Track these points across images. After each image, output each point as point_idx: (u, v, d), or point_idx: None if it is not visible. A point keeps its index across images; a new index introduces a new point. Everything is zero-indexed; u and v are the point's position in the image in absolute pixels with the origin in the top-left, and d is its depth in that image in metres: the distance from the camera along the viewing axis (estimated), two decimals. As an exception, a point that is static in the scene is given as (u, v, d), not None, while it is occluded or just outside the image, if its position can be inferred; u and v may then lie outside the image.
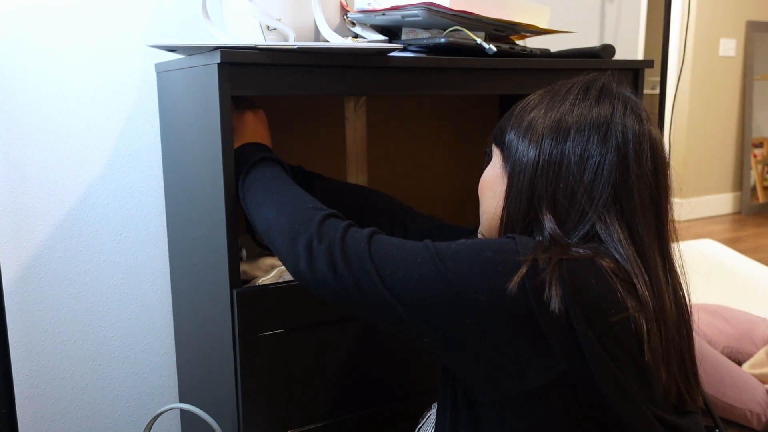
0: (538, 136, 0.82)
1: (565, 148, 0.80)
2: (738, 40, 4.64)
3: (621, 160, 0.79)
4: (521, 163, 0.82)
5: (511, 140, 0.84)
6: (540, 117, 0.83)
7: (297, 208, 0.86)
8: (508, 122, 0.87)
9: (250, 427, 1.02)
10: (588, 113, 0.81)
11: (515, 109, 0.88)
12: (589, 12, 1.93)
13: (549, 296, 0.69)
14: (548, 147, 0.81)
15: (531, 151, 0.81)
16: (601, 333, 0.69)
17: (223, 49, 0.92)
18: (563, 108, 0.83)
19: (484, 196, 0.90)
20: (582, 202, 0.78)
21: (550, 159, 0.80)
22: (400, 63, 1.06)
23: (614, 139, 0.80)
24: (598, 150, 0.79)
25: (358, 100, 1.51)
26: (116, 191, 1.38)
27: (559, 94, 0.85)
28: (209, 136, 1.00)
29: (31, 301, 1.35)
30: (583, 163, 0.79)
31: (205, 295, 1.13)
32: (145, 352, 1.46)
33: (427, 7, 1.05)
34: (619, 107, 0.82)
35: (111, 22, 1.33)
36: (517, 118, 0.85)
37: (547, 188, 0.80)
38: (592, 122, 0.80)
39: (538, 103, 0.85)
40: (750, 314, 2.23)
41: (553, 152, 0.80)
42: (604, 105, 0.82)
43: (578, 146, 0.80)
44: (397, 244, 0.78)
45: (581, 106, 0.82)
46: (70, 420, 1.42)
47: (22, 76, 1.28)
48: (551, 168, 0.80)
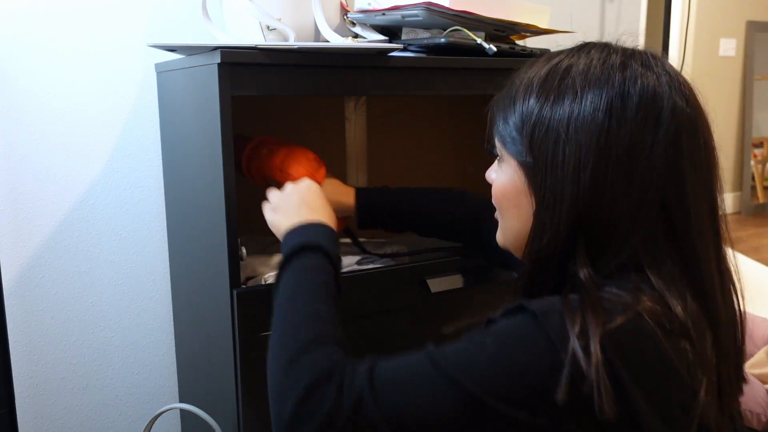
0: (577, 139, 0.65)
1: (612, 149, 0.64)
2: (738, 40, 4.64)
3: (673, 157, 0.65)
4: (557, 184, 0.66)
5: (538, 144, 0.68)
6: (568, 107, 0.66)
7: (298, 340, 0.71)
8: (520, 114, 0.70)
9: (250, 427, 1.02)
10: (634, 90, 0.65)
11: (520, 92, 0.71)
12: (589, 12, 1.93)
13: (600, 396, 0.56)
14: (592, 153, 0.64)
15: (569, 163, 0.65)
16: (663, 414, 0.59)
17: (223, 49, 0.92)
18: (599, 88, 0.66)
19: (505, 210, 0.76)
20: (627, 221, 0.64)
21: (596, 171, 0.64)
22: (400, 63, 1.06)
23: (665, 126, 0.65)
24: (649, 144, 0.64)
25: (358, 100, 1.51)
26: (116, 191, 1.38)
27: (584, 70, 0.68)
28: (209, 136, 1.00)
29: (31, 301, 1.35)
30: (632, 165, 0.64)
31: (205, 295, 1.13)
32: (145, 352, 1.46)
33: (427, 7, 1.05)
34: (663, 80, 0.67)
35: (111, 22, 1.33)
36: (534, 110, 0.69)
37: (590, 212, 0.65)
38: (641, 103, 0.65)
39: (557, 84, 0.68)
40: (750, 314, 2.22)
41: (599, 163, 0.64)
42: (648, 76, 0.66)
43: (625, 140, 0.64)
44: (400, 378, 0.63)
45: (623, 84, 0.65)
46: (70, 420, 1.42)
47: (22, 77, 1.28)
48: (598, 183, 0.64)
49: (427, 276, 1.09)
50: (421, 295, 1.09)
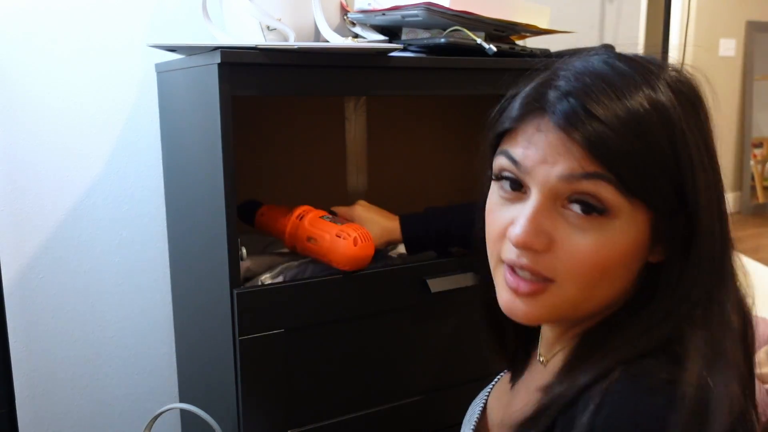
0: (712, 171, 0.57)
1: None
2: (738, 41, 4.64)
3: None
4: (708, 231, 0.55)
5: (697, 186, 0.55)
6: (701, 140, 0.58)
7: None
8: (636, 133, 0.54)
9: (250, 427, 1.02)
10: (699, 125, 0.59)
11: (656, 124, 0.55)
12: (589, 12, 1.93)
13: None
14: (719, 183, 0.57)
15: (708, 208, 0.56)
16: None
17: (223, 49, 0.92)
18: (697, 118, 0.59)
19: (603, 279, 0.57)
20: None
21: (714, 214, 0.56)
22: (400, 63, 1.06)
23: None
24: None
25: (358, 100, 1.51)
26: (116, 191, 1.38)
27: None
28: (209, 136, 1.00)
29: (31, 301, 1.35)
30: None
31: (205, 295, 1.13)
32: (145, 352, 1.46)
33: (427, 7, 1.05)
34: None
35: (111, 22, 1.33)
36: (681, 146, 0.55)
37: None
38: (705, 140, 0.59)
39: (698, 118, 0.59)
40: (750, 314, 2.22)
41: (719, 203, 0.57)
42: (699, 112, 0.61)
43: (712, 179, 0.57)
44: None
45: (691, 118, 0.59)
46: (70, 420, 1.41)
47: (22, 76, 1.28)
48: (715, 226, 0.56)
49: (427, 276, 1.09)
50: (421, 295, 1.09)
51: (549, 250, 0.57)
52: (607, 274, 0.57)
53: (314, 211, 1.10)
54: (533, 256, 0.58)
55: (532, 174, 0.58)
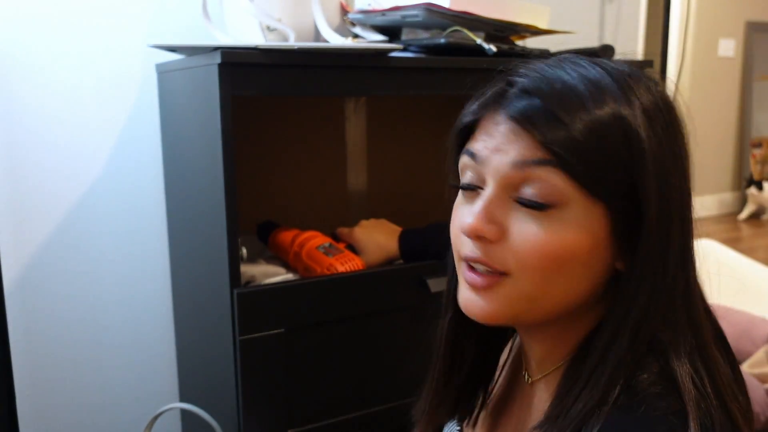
0: (678, 179, 0.55)
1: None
2: (737, 41, 4.65)
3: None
4: (663, 234, 0.55)
5: (657, 186, 0.54)
6: (673, 143, 0.56)
7: None
8: (595, 134, 0.54)
9: (250, 427, 1.02)
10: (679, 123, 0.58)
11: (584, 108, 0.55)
12: (589, 12, 1.93)
13: None
14: (685, 191, 0.56)
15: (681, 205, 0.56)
16: None
17: (224, 49, 0.92)
18: (677, 126, 0.58)
19: (554, 275, 0.57)
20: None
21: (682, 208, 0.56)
22: (400, 63, 1.06)
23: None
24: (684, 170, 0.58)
25: (358, 100, 1.51)
26: (116, 191, 1.38)
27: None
28: (210, 136, 1.00)
29: (31, 301, 1.35)
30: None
31: (205, 295, 1.13)
32: (145, 352, 1.46)
33: (427, 8, 1.05)
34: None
35: (111, 22, 1.33)
36: (644, 143, 0.54)
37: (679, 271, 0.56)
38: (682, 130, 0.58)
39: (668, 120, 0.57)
40: (750, 314, 2.22)
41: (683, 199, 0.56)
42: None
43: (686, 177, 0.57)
44: None
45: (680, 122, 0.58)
46: (70, 420, 1.41)
47: (22, 77, 1.28)
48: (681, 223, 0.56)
49: (427, 276, 1.09)
50: (421, 295, 1.09)
51: (501, 241, 0.57)
52: (563, 268, 0.56)
53: (313, 240, 1.14)
54: (486, 248, 0.58)
55: (487, 163, 0.58)
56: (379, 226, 1.22)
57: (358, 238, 1.19)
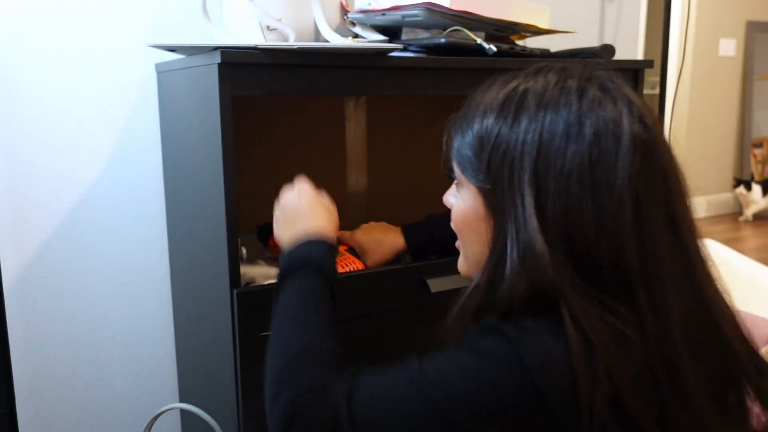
0: (533, 164, 0.65)
1: (569, 174, 0.65)
2: (738, 40, 4.64)
3: (628, 182, 0.65)
4: (515, 208, 0.66)
5: (496, 169, 0.68)
6: (524, 131, 0.67)
7: (288, 356, 0.77)
8: (479, 138, 0.70)
9: (250, 427, 1.02)
10: (592, 116, 0.66)
11: (478, 115, 0.72)
12: (589, 12, 1.93)
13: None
14: (550, 178, 0.65)
15: (525, 188, 0.66)
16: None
17: (224, 49, 0.92)
18: (556, 112, 0.66)
19: (465, 237, 0.76)
20: (585, 244, 0.65)
21: (555, 196, 0.65)
22: (400, 63, 1.06)
23: (623, 151, 0.65)
24: (606, 168, 0.65)
25: (358, 100, 1.51)
26: (116, 191, 1.38)
27: (542, 96, 0.68)
28: (209, 136, 1.00)
29: (31, 301, 1.35)
30: (589, 189, 0.64)
31: (205, 295, 1.13)
32: (145, 352, 1.46)
33: (427, 8, 1.05)
34: (621, 106, 0.67)
35: (111, 22, 1.33)
36: (491, 134, 0.69)
37: (552, 235, 0.65)
38: (599, 130, 0.65)
39: (514, 108, 0.69)
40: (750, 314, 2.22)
41: (557, 188, 0.65)
42: (605, 102, 0.67)
43: (582, 165, 0.65)
44: (378, 402, 0.67)
45: (580, 109, 0.66)
46: (70, 420, 1.42)
47: (22, 76, 1.28)
48: (555, 208, 0.65)
49: (427, 276, 1.09)
50: (421, 295, 1.09)
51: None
52: (466, 229, 0.75)
53: None
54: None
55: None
56: (380, 227, 1.22)
57: (361, 240, 1.19)
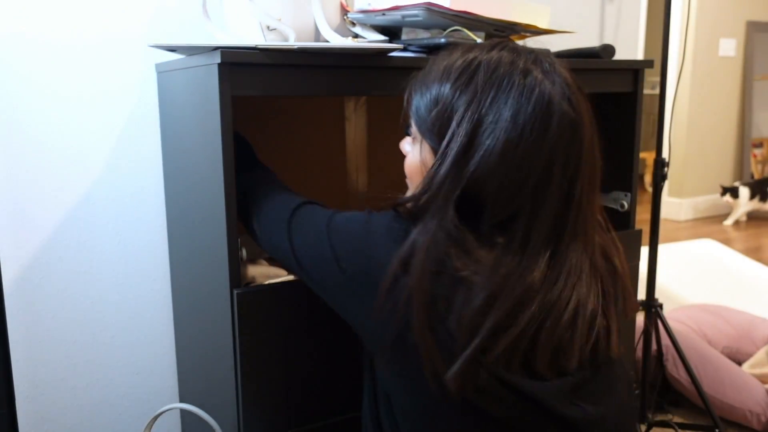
0: (473, 130, 0.76)
1: (503, 143, 0.76)
2: (738, 40, 4.64)
3: (550, 154, 0.76)
4: (451, 165, 0.78)
5: (442, 129, 0.79)
6: (471, 100, 0.77)
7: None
8: (434, 100, 0.81)
9: (250, 427, 1.02)
10: (533, 95, 0.76)
11: (436, 78, 0.81)
12: (589, 12, 1.93)
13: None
14: (482, 144, 0.76)
15: (462, 149, 0.77)
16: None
17: (224, 49, 0.92)
18: (502, 87, 0.77)
19: (414, 181, 0.88)
20: (500, 201, 0.78)
21: (485, 160, 0.76)
22: (400, 63, 1.06)
23: (552, 128, 0.76)
24: (536, 141, 0.76)
25: (358, 100, 1.51)
26: (116, 191, 1.38)
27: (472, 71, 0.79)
28: (209, 136, 1.00)
29: (31, 301, 1.35)
30: (516, 157, 0.76)
31: (205, 295, 1.13)
32: (145, 352, 1.46)
33: (428, 8, 1.05)
34: (557, 87, 0.78)
35: (111, 22, 1.33)
36: (444, 98, 0.80)
37: (470, 188, 0.77)
38: (536, 107, 0.76)
39: (467, 78, 0.79)
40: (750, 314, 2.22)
41: (489, 153, 0.76)
42: (545, 83, 0.77)
43: (514, 136, 0.76)
44: (310, 222, 0.90)
45: (524, 87, 0.76)
46: (70, 420, 1.42)
47: (22, 77, 1.28)
48: (483, 170, 0.77)
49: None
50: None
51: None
52: (416, 177, 0.86)
53: None
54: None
55: None
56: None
57: None
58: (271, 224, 0.95)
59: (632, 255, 1.34)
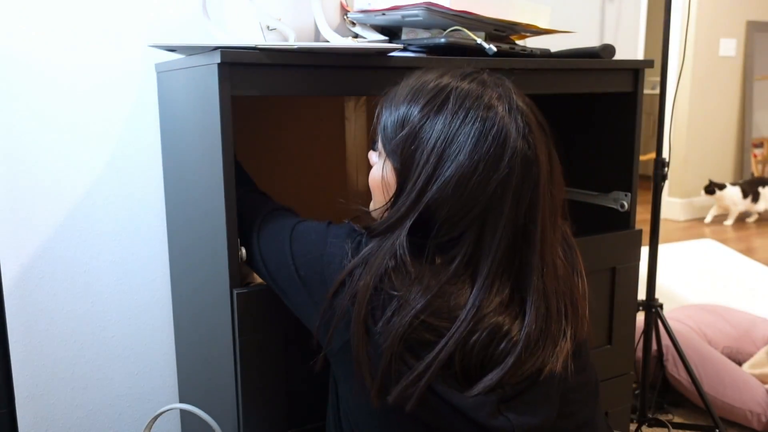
0: (435, 158, 0.80)
1: (461, 173, 0.79)
2: (738, 40, 4.64)
3: (502, 188, 0.79)
4: (413, 189, 0.81)
5: (407, 153, 0.82)
6: (439, 127, 0.81)
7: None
8: (401, 122, 0.84)
9: (250, 427, 1.02)
10: (493, 130, 0.80)
11: (406, 100, 0.85)
12: (589, 12, 1.93)
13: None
14: (444, 172, 0.80)
15: (425, 174, 0.80)
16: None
17: (223, 49, 0.92)
18: (467, 120, 0.80)
19: (376, 194, 0.91)
20: (449, 225, 0.81)
21: (443, 186, 0.79)
22: (400, 63, 1.06)
23: (505, 164, 0.79)
24: (489, 173, 0.79)
25: (358, 100, 1.51)
26: (116, 191, 1.38)
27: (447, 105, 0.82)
28: (209, 136, 1.00)
29: (31, 301, 1.35)
30: (471, 186, 0.79)
31: (205, 295, 1.13)
32: (145, 352, 1.46)
33: (428, 7, 1.05)
34: (517, 124, 0.81)
35: (111, 22, 1.33)
36: (412, 122, 0.83)
37: (427, 212, 0.81)
38: (494, 142, 0.79)
39: (438, 105, 0.82)
40: (750, 314, 2.22)
41: (447, 180, 0.79)
42: (506, 120, 0.80)
43: (471, 167, 0.79)
44: (276, 229, 0.94)
45: (485, 122, 0.80)
46: (70, 420, 1.42)
47: (22, 77, 1.28)
48: (441, 196, 0.80)
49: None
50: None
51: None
52: (377, 190, 0.90)
53: None
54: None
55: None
56: None
57: None
58: (243, 231, 0.98)
59: (632, 255, 1.34)
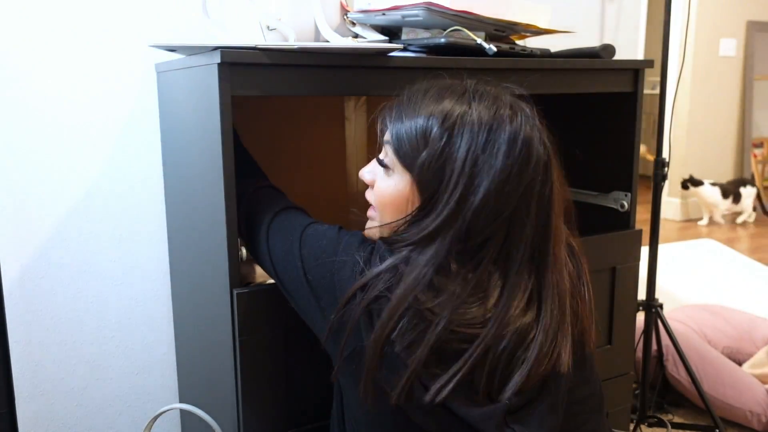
0: (471, 173, 0.79)
1: (494, 185, 0.80)
2: (738, 40, 4.64)
3: (526, 196, 0.81)
4: (446, 204, 0.80)
5: (437, 170, 0.81)
6: (467, 144, 0.80)
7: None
8: (422, 139, 0.82)
9: (250, 427, 1.02)
10: (518, 141, 0.80)
11: (422, 117, 0.83)
12: (589, 12, 1.93)
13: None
14: (481, 186, 0.79)
15: (459, 189, 0.80)
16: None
17: (224, 49, 0.92)
18: (493, 134, 0.80)
19: (386, 212, 0.88)
20: (478, 237, 0.80)
21: (483, 198, 0.79)
22: (400, 63, 1.06)
23: (530, 171, 0.81)
24: (518, 182, 0.80)
25: (358, 100, 1.51)
26: (116, 191, 1.38)
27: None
28: (209, 136, 1.00)
29: (31, 301, 1.35)
30: (502, 195, 0.80)
31: (205, 295, 1.13)
32: (145, 352, 1.46)
33: (428, 7, 1.05)
34: (536, 132, 0.82)
35: (111, 22, 1.33)
36: (436, 140, 0.81)
37: (457, 226, 0.80)
38: (521, 151, 0.80)
39: (459, 125, 0.81)
40: (750, 314, 2.22)
41: (484, 193, 0.79)
42: (527, 130, 0.81)
43: (503, 179, 0.80)
44: (287, 229, 0.94)
45: (512, 133, 0.80)
46: (70, 420, 1.42)
47: (22, 77, 1.28)
48: (477, 208, 0.79)
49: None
50: (421, 295, 1.09)
51: (373, 188, 0.91)
52: (390, 207, 0.87)
53: None
54: (368, 193, 0.93)
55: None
56: None
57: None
58: (254, 225, 0.98)
59: (632, 255, 1.34)
